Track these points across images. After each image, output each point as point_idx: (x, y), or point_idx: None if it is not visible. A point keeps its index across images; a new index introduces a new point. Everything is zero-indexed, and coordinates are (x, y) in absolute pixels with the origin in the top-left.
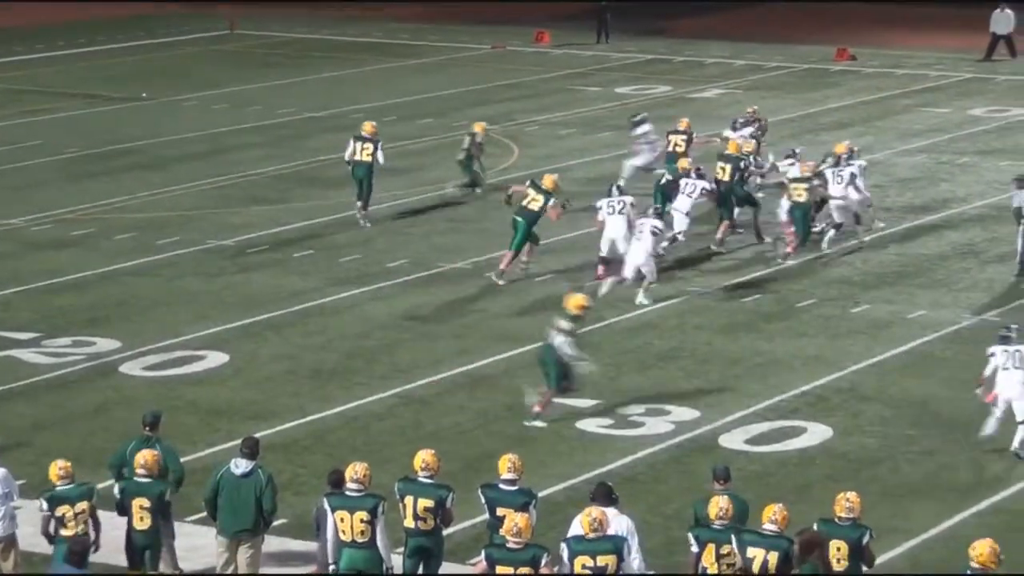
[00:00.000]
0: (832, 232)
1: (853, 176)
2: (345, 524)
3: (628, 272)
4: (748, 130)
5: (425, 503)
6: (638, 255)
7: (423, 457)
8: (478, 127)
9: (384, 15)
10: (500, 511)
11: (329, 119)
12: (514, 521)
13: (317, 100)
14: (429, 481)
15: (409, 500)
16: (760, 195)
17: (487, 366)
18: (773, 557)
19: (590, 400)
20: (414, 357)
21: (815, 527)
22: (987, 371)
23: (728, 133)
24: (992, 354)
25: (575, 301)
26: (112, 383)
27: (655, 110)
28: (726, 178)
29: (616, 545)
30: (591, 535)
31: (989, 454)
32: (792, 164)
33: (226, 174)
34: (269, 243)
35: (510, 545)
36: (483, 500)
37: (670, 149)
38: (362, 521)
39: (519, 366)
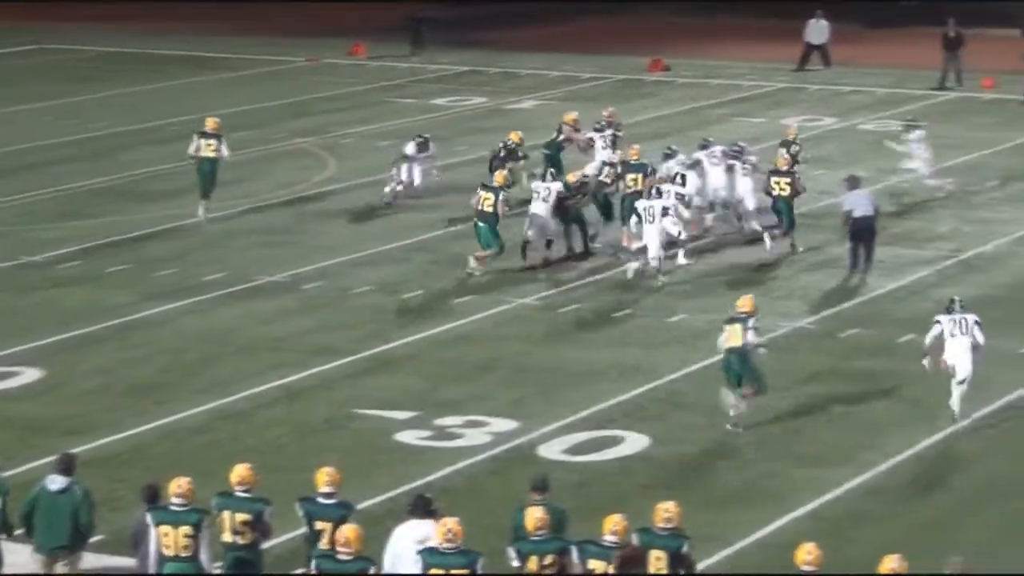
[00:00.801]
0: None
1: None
2: (168, 539)
3: (652, 254)
4: (609, 132)
5: (243, 517)
6: (653, 236)
7: (239, 472)
8: (514, 136)
9: (198, 28)
10: (319, 524)
11: (144, 132)
12: (344, 532)
13: (132, 114)
14: (246, 495)
15: (227, 514)
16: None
17: (305, 379)
18: (614, 569)
19: (408, 412)
20: (232, 371)
21: (633, 537)
22: (928, 339)
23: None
24: (937, 321)
25: (748, 301)
26: None
27: (472, 122)
28: (639, 187)
29: (470, 560)
30: (446, 546)
31: (804, 460)
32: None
33: (39, 189)
34: (84, 258)
35: (340, 556)
36: (301, 513)
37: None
38: (186, 536)
39: (335, 379)
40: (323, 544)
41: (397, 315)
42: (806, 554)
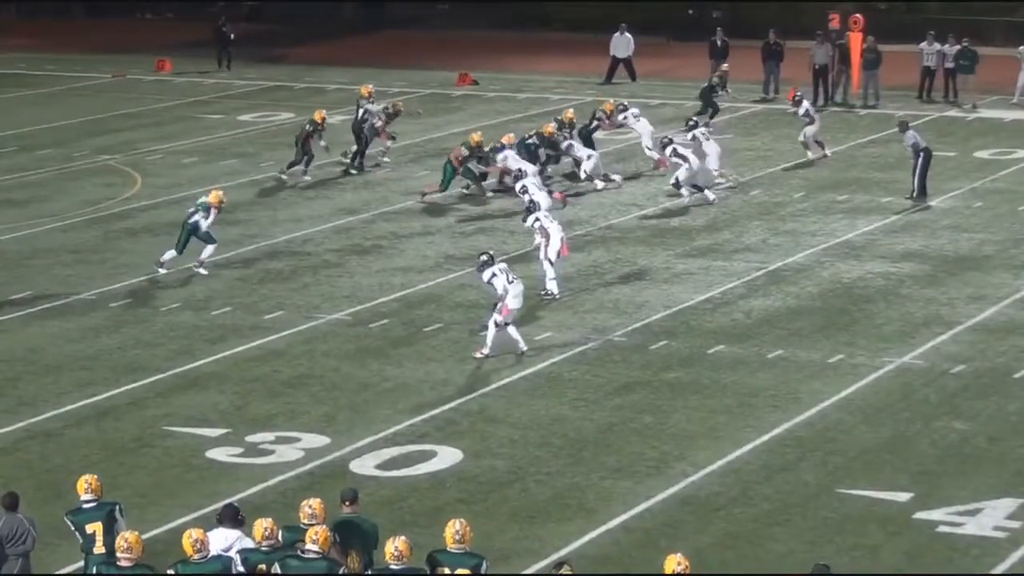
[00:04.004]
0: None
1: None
2: None
3: None
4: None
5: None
6: None
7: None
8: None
9: None
10: (89, 528)
11: None
12: (126, 538)
13: None
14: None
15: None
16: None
17: (113, 397)
18: None
19: (219, 429)
20: (39, 390)
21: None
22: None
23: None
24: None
25: None
26: None
27: (279, 137)
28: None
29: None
30: (267, 545)
31: (615, 472)
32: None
33: None
34: None
35: (121, 563)
36: (72, 527)
37: None
38: None
39: (145, 397)
40: (98, 547)
41: (206, 332)
42: (676, 564)
